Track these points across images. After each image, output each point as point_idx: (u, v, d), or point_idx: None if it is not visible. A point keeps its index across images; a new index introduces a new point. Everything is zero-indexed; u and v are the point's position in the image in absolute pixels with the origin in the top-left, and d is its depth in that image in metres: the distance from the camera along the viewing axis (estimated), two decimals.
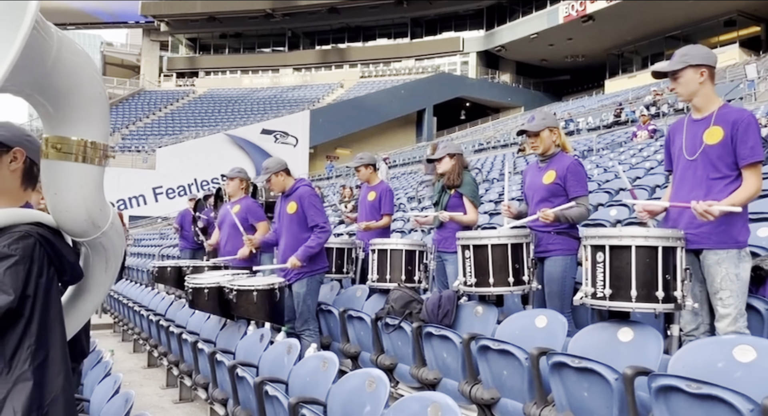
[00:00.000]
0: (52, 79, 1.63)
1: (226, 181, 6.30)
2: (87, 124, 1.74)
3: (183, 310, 5.91)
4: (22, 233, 1.70)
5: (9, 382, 1.65)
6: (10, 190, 1.84)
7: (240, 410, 3.55)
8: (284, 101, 40.89)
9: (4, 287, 1.62)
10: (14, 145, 1.84)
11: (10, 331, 1.67)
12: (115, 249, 1.97)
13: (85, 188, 1.78)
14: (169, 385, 5.78)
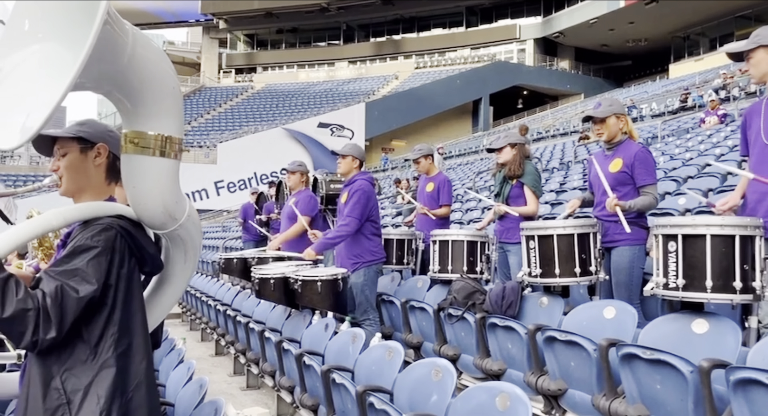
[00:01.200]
0: (128, 76, 1.68)
1: (287, 174, 6.43)
2: (162, 118, 1.79)
3: (249, 300, 6.07)
4: (104, 225, 1.77)
5: (94, 369, 1.73)
6: (95, 184, 1.92)
7: (307, 397, 3.64)
8: (340, 94, 41.20)
9: (88, 277, 1.70)
10: (98, 140, 1.92)
11: (95, 319, 1.74)
12: (194, 241, 2.03)
13: (161, 181, 1.84)
14: (236, 373, 5.96)
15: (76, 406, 1.70)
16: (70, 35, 1.56)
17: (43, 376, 1.71)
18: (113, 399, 1.74)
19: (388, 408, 2.54)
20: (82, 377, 1.72)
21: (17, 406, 1.81)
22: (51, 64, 1.58)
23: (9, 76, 1.59)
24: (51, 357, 1.71)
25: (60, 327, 1.63)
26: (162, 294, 2.11)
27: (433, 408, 2.59)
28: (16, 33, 1.64)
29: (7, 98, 1.57)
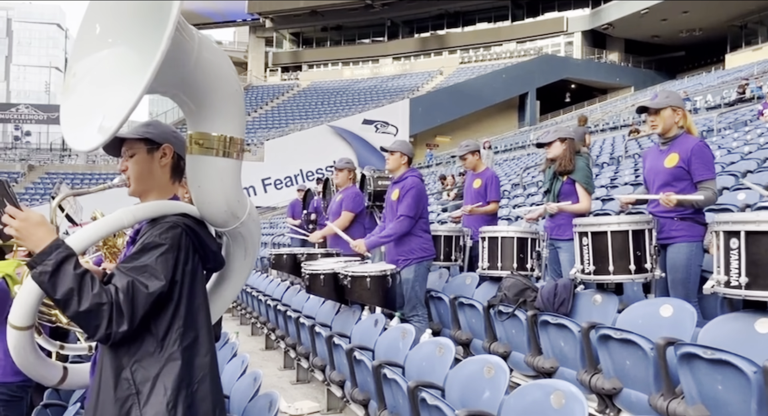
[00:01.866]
0: (194, 79, 1.73)
1: (334, 172, 6.50)
2: (225, 119, 1.83)
3: (298, 295, 6.17)
4: (170, 224, 1.83)
5: (161, 361, 1.80)
6: (160, 184, 1.99)
7: (358, 392, 3.68)
8: (384, 91, 41.24)
9: (156, 273, 1.76)
10: (163, 141, 1.98)
11: (161, 314, 1.81)
12: (253, 238, 2.08)
13: (224, 181, 1.89)
14: (286, 367, 6.06)
15: (145, 396, 1.77)
16: (141, 40, 1.62)
17: (114, 367, 1.78)
18: (179, 390, 1.80)
19: (440, 403, 2.55)
20: (150, 368, 1.79)
21: (89, 394, 1.89)
22: (123, 68, 1.65)
23: (82, 80, 1.66)
24: (122, 349, 1.78)
25: (131, 320, 1.70)
26: (223, 289, 2.17)
27: (486, 404, 2.59)
28: (87, 38, 1.71)
29: (82, 101, 1.65)
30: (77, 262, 1.68)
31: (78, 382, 2.14)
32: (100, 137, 1.54)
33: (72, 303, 1.64)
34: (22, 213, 1.70)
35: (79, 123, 1.62)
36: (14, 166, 34.31)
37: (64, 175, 33.17)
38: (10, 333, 1.84)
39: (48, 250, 1.65)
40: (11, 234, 1.67)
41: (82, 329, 1.78)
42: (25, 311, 1.81)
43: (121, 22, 1.69)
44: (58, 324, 2.48)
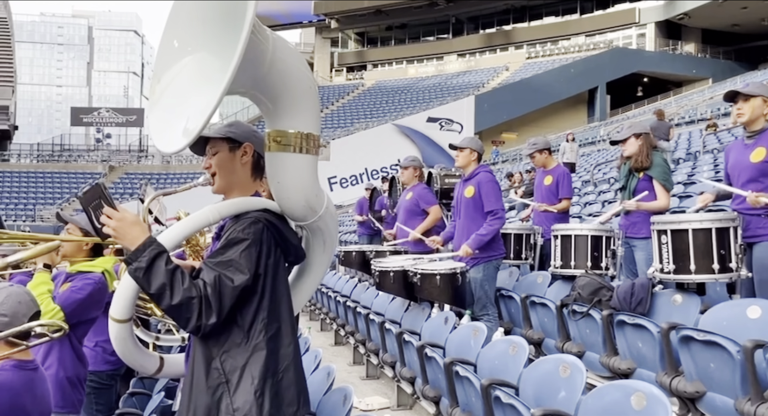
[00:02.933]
0: (270, 79, 1.79)
1: (400, 170, 6.53)
2: (301, 117, 1.89)
3: (367, 292, 6.24)
4: (252, 219, 1.90)
5: (247, 351, 1.88)
6: (242, 181, 2.05)
7: (429, 389, 3.69)
8: (449, 88, 41.01)
9: (241, 267, 1.83)
10: (244, 140, 2.04)
11: (247, 306, 1.88)
12: (331, 231, 2.13)
13: (303, 176, 1.94)
14: (355, 363, 6.14)
15: (234, 385, 1.85)
16: (219, 44, 1.70)
17: (205, 357, 1.88)
18: (266, 379, 1.88)
19: (515, 402, 2.54)
20: (238, 358, 1.87)
21: (183, 383, 2.00)
22: (203, 72, 1.73)
23: (168, 88, 1.76)
24: (211, 340, 1.87)
25: (219, 313, 1.79)
26: (303, 282, 2.24)
27: (562, 404, 2.55)
28: (169, 46, 1.80)
29: (169, 107, 1.74)
30: (169, 259, 1.77)
31: (173, 371, 2.25)
32: (185, 139, 1.63)
33: (165, 297, 1.74)
34: (118, 213, 1.80)
35: (165, 127, 1.71)
36: (96, 167, 36.18)
37: (141, 175, 34.70)
38: (112, 326, 1.96)
39: (142, 248, 1.75)
40: (109, 234, 1.78)
41: (175, 321, 1.89)
42: (124, 305, 1.93)
43: (200, 28, 1.77)
44: (153, 316, 2.62)
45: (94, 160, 37.65)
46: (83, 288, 3.04)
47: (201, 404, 1.88)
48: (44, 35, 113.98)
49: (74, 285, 3.08)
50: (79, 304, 3.00)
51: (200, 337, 1.88)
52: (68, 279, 3.17)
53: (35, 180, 34.69)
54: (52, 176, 35.10)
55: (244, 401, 1.85)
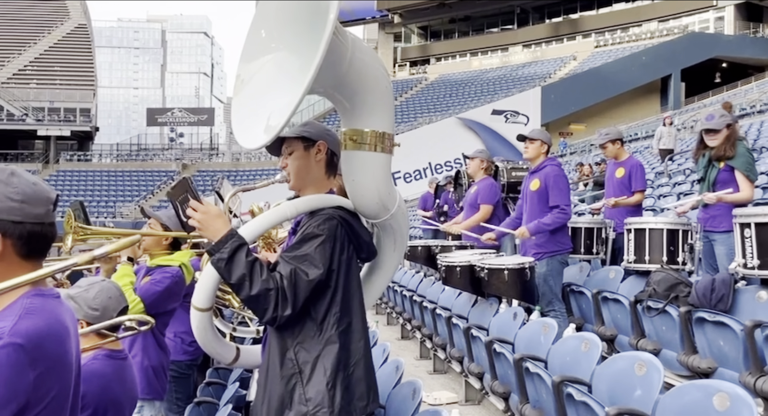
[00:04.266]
0: (348, 79, 1.83)
1: (467, 161, 6.48)
2: (377, 116, 1.93)
3: (433, 287, 6.23)
4: (327, 216, 1.96)
5: (320, 343, 1.94)
6: (316, 178, 2.11)
7: (498, 384, 3.66)
8: (514, 80, 40.30)
9: (315, 262, 1.89)
10: (318, 139, 2.09)
11: (320, 300, 1.94)
12: (401, 229, 2.17)
13: (377, 175, 1.99)
14: (422, 357, 6.15)
15: (307, 376, 1.92)
16: (300, 44, 1.75)
17: (280, 348, 1.95)
18: (338, 371, 1.93)
19: (588, 399, 2.48)
20: (311, 350, 1.93)
21: (260, 373, 2.08)
22: (283, 71, 1.78)
23: (248, 84, 1.82)
24: (286, 331, 1.94)
25: (294, 305, 1.85)
26: (374, 278, 2.28)
27: (638, 403, 2.48)
28: (253, 44, 1.86)
29: (248, 103, 1.81)
30: (248, 251, 1.85)
31: (249, 361, 2.34)
32: (266, 136, 1.69)
33: (244, 288, 1.82)
34: (203, 206, 1.89)
35: (247, 124, 1.78)
36: (170, 165, 37.66)
37: (212, 173, 35.88)
38: (194, 314, 2.06)
39: (224, 240, 1.83)
40: (194, 226, 1.87)
41: (252, 311, 1.97)
42: (205, 294, 2.02)
43: (282, 27, 1.82)
44: (231, 308, 2.72)
45: (168, 158, 39.18)
46: (162, 281, 3.19)
47: (275, 393, 1.95)
48: (121, 40, 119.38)
49: (154, 278, 3.23)
50: (158, 296, 3.15)
51: (275, 328, 1.95)
52: (148, 273, 3.34)
53: (115, 178, 36.46)
54: (130, 174, 36.78)
55: (316, 392, 1.91)
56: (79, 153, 39.15)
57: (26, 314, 1.29)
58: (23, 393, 1.26)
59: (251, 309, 1.95)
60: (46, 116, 38.33)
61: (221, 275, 1.87)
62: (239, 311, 3.21)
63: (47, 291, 1.41)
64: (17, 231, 1.35)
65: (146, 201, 32.49)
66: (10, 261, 1.36)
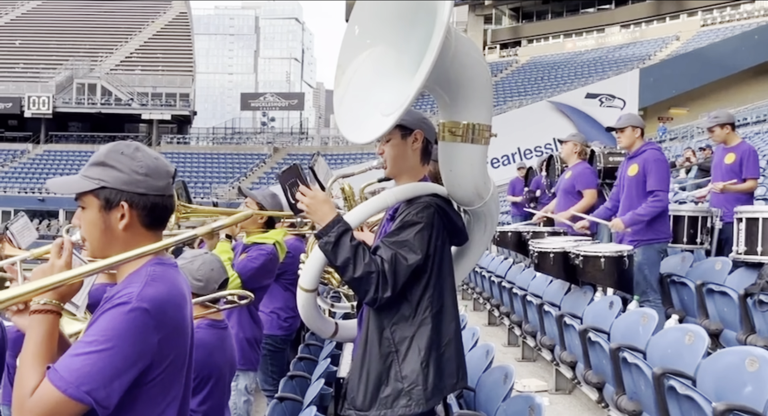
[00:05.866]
0: (450, 73, 1.87)
1: (561, 144, 6.29)
2: (475, 109, 1.97)
3: (523, 273, 6.13)
4: (425, 204, 2.03)
5: (414, 325, 2.02)
6: (412, 166, 2.17)
7: (591, 374, 3.57)
8: (610, 62, 38.61)
9: (414, 248, 1.97)
10: (415, 128, 2.14)
11: (416, 283, 2.02)
12: (493, 216, 2.23)
13: (473, 165, 2.05)
14: (510, 344, 6.08)
15: (402, 354, 2.01)
16: (399, 38, 1.78)
17: (378, 327, 2.04)
18: (431, 351, 2.01)
19: (693, 394, 2.38)
20: (405, 330, 2.01)
21: (357, 349, 2.16)
22: (386, 66, 1.83)
23: (351, 79, 1.89)
24: (383, 312, 2.02)
25: (394, 288, 1.94)
26: (462, 262, 2.33)
27: (748, 399, 2.35)
28: (351, 39, 1.92)
29: (353, 98, 1.88)
30: (353, 235, 1.94)
31: (346, 336, 2.46)
32: (377, 131, 1.76)
33: (348, 270, 1.92)
34: (311, 192, 2.00)
35: (353, 117, 1.86)
36: (262, 149, 38.94)
37: (302, 156, 36.79)
38: (300, 294, 2.18)
39: (331, 224, 1.94)
40: (302, 209, 1.98)
41: (354, 292, 2.08)
42: (312, 275, 2.14)
43: (380, 22, 1.87)
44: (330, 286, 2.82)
45: (260, 142, 40.52)
46: (258, 258, 3.34)
47: (373, 369, 2.04)
48: (218, 27, 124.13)
49: (250, 255, 3.38)
50: (254, 273, 3.29)
51: (374, 309, 2.03)
52: (245, 250, 3.49)
53: (211, 160, 38.13)
54: (225, 157, 38.36)
55: (411, 370, 2.00)
56: (179, 136, 41.22)
57: (151, 281, 1.38)
58: (148, 355, 1.35)
59: (353, 290, 2.06)
60: (149, 101, 40.55)
61: (327, 257, 1.98)
62: (337, 288, 3.32)
63: (167, 260, 1.50)
64: (142, 203, 1.44)
65: (239, 182, 33.80)
66: (135, 230, 1.46)
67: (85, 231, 1.46)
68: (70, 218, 33.48)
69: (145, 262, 1.44)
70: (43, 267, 1.41)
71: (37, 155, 38.31)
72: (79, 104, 39.42)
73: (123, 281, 1.43)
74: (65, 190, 1.44)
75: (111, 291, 1.40)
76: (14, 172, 36.57)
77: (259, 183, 32.41)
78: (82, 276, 1.40)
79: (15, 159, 37.86)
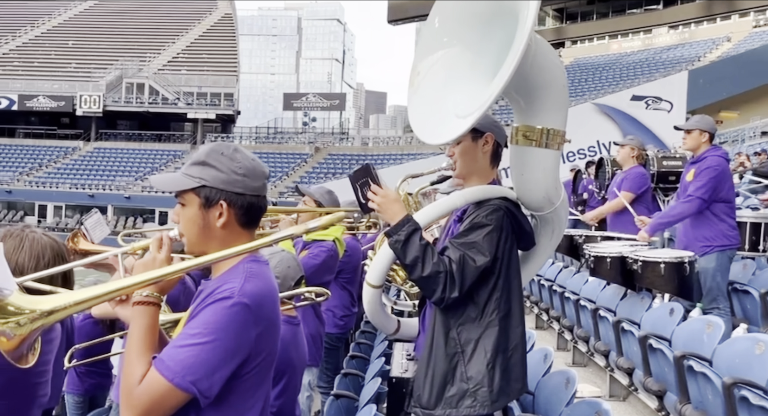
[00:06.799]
0: (529, 78, 1.86)
1: (617, 149, 6.20)
2: (551, 114, 1.97)
3: (573, 278, 6.06)
4: (494, 206, 2.03)
5: (481, 326, 2.03)
6: (481, 168, 2.18)
7: (652, 382, 3.51)
8: (657, 63, 37.76)
9: (483, 250, 1.98)
10: (486, 130, 2.15)
11: (484, 285, 2.03)
12: (561, 222, 2.22)
13: (546, 170, 2.05)
14: (560, 348, 6.01)
15: (468, 355, 2.02)
16: (476, 40, 1.79)
17: (444, 327, 2.05)
18: (497, 354, 2.02)
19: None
20: (472, 332, 2.02)
21: (423, 348, 2.18)
22: (458, 67, 1.84)
23: (425, 79, 1.90)
24: (450, 312, 2.04)
25: (461, 288, 1.95)
26: (526, 267, 2.31)
27: None
28: (427, 39, 1.93)
29: (426, 99, 1.89)
30: (422, 235, 1.97)
31: (408, 333, 2.49)
32: (452, 133, 1.77)
33: (417, 269, 1.94)
34: (382, 191, 2.03)
35: (425, 118, 1.87)
36: (304, 148, 39.34)
37: (342, 156, 37.03)
38: (366, 290, 2.21)
39: (401, 223, 1.96)
40: (372, 208, 2.00)
41: (422, 291, 2.09)
42: (379, 272, 2.16)
43: (458, 23, 1.87)
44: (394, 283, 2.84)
45: (301, 141, 40.95)
46: (319, 255, 3.39)
47: (439, 369, 2.05)
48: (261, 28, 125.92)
49: (311, 252, 3.44)
50: (316, 269, 3.35)
51: (440, 309, 2.04)
52: (305, 247, 3.55)
53: None
54: (267, 156, 38.87)
55: (477, 371, 2.01)
56: (222, 135, 41.95)
57: (249, 277, 1.43)
58: (247, 348, 1.40)
59: (421, 288, 2.08)
60: (194, 100, 41.40)
61: (397, 256, 2.00)
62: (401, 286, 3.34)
63: (261, 257, 1.55)
64: (239, 202, 1.49)
65: (281, 182, 34.21)
66: (231, 228, 1.51)
67: (184, 228, 1.51)
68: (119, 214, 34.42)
69: (241, 259, 1.49)
70: (145, 260, 1.46)
71: (88, 152, 39.51)
72: (128, 103, 40.54)
73: (220, 277, 1.48)
74: (168, 187, 1.50)
75: (209, 286, 1.45)
76: (66, 168, 37.79)
77: (300, 182, 32.75)
78: (183, 271, 1.45)
79: (67, 156, 39.13)
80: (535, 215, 2.19)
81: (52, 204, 34.66)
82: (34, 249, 1.80)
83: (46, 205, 34.63)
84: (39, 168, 37.49)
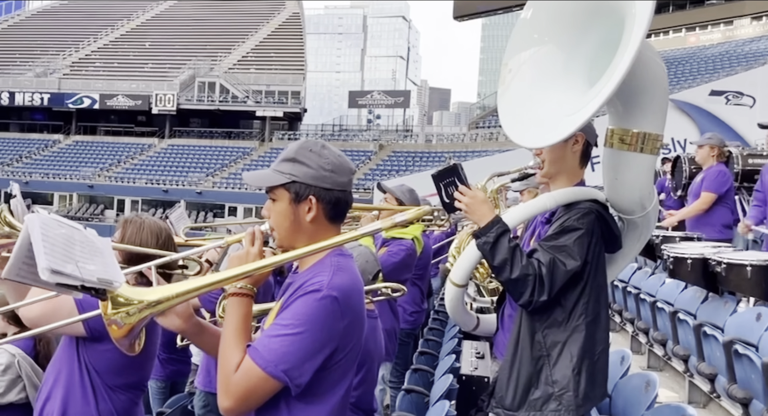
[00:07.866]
0: (630, 81, 1.77)
1: (696, 149, 5.97)
2: (649, 117, 1.91)
3: (649, 279, 5.87)
4: (585, 210, 2.00)
5: (567, 330, 2.00)
6: (570, 168, 2.15)
7: (737, 389, 3.37)
8: (739, 57, 35.93)
9: (573, 253, 1.95)
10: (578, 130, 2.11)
11: (571, 289, 2.00)
12: (650, 226, 2.16)
13: (640, 175, 1.99)
14: (634, 351, 5.82)
15: (554, 359, 2.00)
16: (571, 39, 1.74)
17: (530, 330, 2.04)
18: (583, 358, 1.99)
19: None
20: (558, 335, 2.00)
21: (508, 350, 2.16)
22: (548, 67, 1.80)
23: (515, 77, 1.87)
24: (536, 315, 2.02)
25: (550, 292, 1.93)
26: (609, 269, 2.24)
27: None
28: (520, 35, 1.90)
29: (517, 98, 1.86)
30: (510, 237, 1.95)
31: (486, 329, 2.49)
32: (555, 136, 1.74)
33: (505, 271, 1.92)
34: (471, 191, 2.02)
35: (520, 119, 1.84)
36: (368, 146, 39.61)
37: (406, 153, 37.07)
38: (450, 288, 2.22)
39: (490, 225, 1.96)
40: (459, 208, 2.00)
41: (510, 293, 2.08)
42: (464, 272, 2.18)
43: (552, 22, 1.83)
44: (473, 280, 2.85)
45: (366, 139, 41.25)
46: (398, 253, 3.42)
47: (524, 372, 2.03)
48: (327, 26, 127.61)
49: (390, 249, 3.47)
50: (394, 267, 3.38)
51: (528, 311, 2.03)
52: (384, 244, 3.58)
53: None
54: None
55: (562, 375, 1.98)
56: (290, 132, 42.79)
57: (337, 270, 1.47)
58: (335, 340, 1.43)
59: (509, 291, 2.07)
60: (263, 98, 42.39)
61: (485, 257, 1.99)
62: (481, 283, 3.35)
63: (346, 251, 1.58)
64: (327, 197, 1.53)
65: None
66: (320, 223, 1.55)
67: (275, 222, 1.56)
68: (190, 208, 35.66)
69: (328, 253, 1.52)
70: (239, 254, 1.52)
71: (162, 149, 41.15)
72: (200, 101, 41.94)
73: (308, 269, 1.52)
74: (260, 183, 1.55)
75: (299, 279, 1.50)
76: (142, 164, 39.49)
77: (364, 179, 33.02)
78: (274, 265, 1.50)
79: (143, 152, 40.88)
80: (624, 218, 2.15)
81: (130, 198, 36.29)
82: (153, 229, 2.06)
83: (124, 199, 36.29)
84: (118, 164, 39.33)
